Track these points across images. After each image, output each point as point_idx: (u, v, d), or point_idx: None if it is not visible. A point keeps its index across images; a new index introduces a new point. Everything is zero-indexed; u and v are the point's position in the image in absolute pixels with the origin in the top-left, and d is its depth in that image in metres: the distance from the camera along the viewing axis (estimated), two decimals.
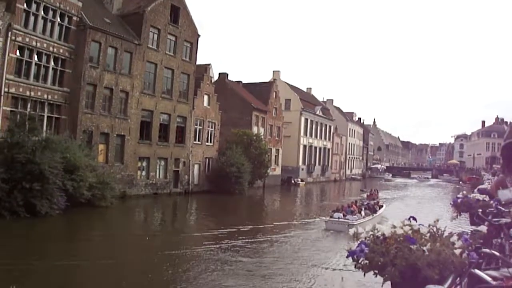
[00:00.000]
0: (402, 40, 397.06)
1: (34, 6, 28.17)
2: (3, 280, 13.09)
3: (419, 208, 38.33)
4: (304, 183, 66.00)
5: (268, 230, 26.51)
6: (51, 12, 29.31)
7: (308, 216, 33.10)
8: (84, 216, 25.89)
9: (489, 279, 3.16)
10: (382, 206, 32.48)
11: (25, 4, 27.47)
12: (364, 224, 21.10)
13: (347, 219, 25.84)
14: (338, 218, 26.01)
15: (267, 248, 21.23)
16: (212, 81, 48.20)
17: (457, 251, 2.95)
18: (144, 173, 36.99)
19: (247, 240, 22.16)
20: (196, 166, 43.31)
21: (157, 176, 38.34)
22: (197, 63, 43.18)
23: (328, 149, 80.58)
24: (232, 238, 22.38)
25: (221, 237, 22.54)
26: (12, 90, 26.92)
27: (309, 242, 22.94)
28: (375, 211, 29.94)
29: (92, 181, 27.52)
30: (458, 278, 3.02)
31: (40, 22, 28.69)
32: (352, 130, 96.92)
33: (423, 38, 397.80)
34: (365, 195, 42.22)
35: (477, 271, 3.19)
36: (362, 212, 28.07)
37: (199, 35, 42.39)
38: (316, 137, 74.70)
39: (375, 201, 33.36)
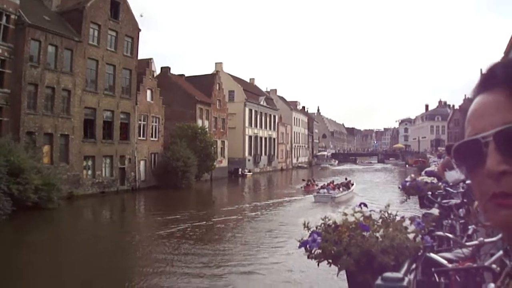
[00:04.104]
0: (344, 26, 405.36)
1: None
2: None
3: (369, 192, 41.02)
4: (251, 173, 68.04)
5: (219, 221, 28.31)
6: None
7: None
8: (30, 220, 25.72)
9: (445, 262, 3.43)
10: (353, 184, 40.02)
11: None
12: (344, 196, 29.28)
13: (330, 193, 33.33)
14: (324, 193, 33.50)
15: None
16: (155, 75, 49.17)
17: (411, 236, 3.09)
18: (90, 172, 37.84)
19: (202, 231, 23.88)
20: (142, 163, 44.37)
21: (103, 175, 39.27)
22: (139, 57, 44.17)
23: (274, 139, 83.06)
24: (184, 232, 23.54)
25: (171, 231, 23.53)
26: None
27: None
28: (348, 188, 37.36)
29: (37, 183, 27.95)
30: (414, 263, 3.15)
31: None
32: (296, 119, 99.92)
33: (365, 24, 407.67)
34: (301, 186, 44.34)
35: (432, 255, 3.43)
36: (340, 189, 35.86)
37: (139, 30, 43.41)
38: (261, 127, 76.99)
39: (348, 180, 40.47)
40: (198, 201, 41.02)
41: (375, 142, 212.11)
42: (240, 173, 65.57)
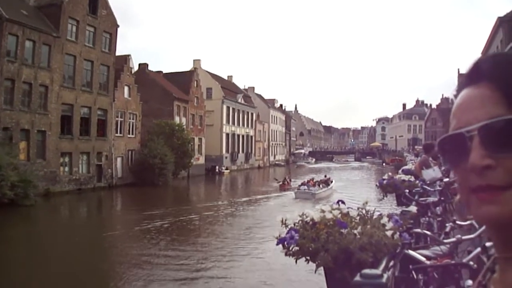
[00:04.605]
0: (322, 25, 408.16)
1: None
2: None
3: (347, 190, 41.97)
4: (228, 171, 68.86)
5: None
6: None
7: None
8: (7, 217, 25.70)
9: (423, 259, 3.43)
10: (332, 181, 41.69)
11: None
12: (323, 193, 29.75)
13: (311, 190, 34.88)
14: (304, 189, 35.12)
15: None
16: (132, 72, 49.36)
17: (389, 233, 3.14)
18: (67, 168, 38.00)
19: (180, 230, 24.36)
20: (119, 159, 44.62)
21: (80, 171, 39.43)
22: (117, 54, 44.45)
23: (251, 137, 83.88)
24: (162, 229, 23.81)
25: (148, 228, 23.72)
26: None
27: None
28: (328, 185, 38.81)
29: (14, 180, 28.13)
30: (392, 260, 3.18)
31: None
32: (274, 116, 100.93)
33: (344, 23, 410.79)
34: (277, 184, 44.89)
35: (411, 252, 3.43)
36: (320, 185, 37.29)
37: (118, 26, 43.58)
38: (239, 125, 77.73)
39: (327, 177, 42.52)
40: (175, 198, 41.42)
41: (352, 140, 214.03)
42: (217, 170, 66.20)
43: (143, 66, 56.18)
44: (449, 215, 7.96)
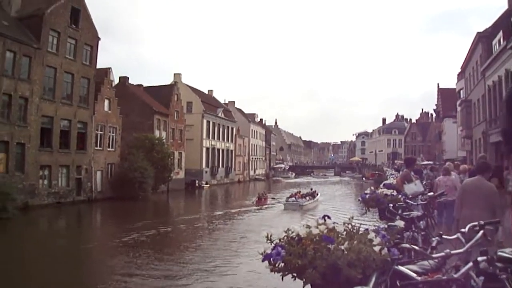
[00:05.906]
0: (302, 39, 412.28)
1: None
2: None
3: (329, 204, 42.86)
4: (208, 185, 69.14)
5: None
6: None
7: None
8: None
9: (413, 275, 3.36)
10: (318, 194, 44.90)
11: None
12: (310, 204, 33.90)
13: (298, 201, 38.30)
14: (292, 201, 38.53)
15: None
16: (113, 85, 49.53)
17: (377, 248, 3.08)
18: (46, 182, 37.81)
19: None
20: (98, 173, 44.55)
21: (60, 185, 39.27)
22: (97, 66, 44.49)
23: (231, 151, 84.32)
24: (143, 243, 23.76)
25: (129, 243, 23.80)
26: None
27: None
28: (314, 197, 41.85)
29: None
30: (381, 276, 3.13)
31: None
32: (254, 131, 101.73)
33: (320, 35, 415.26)
34: (253, 201, 44.74)
35: (400, 268, 3.37)
36: (307, 198, 40.15)
37: (99, 38, 43.76)
38: (219, 139, 78.15)
39: (313, 190, 44.94)
40: (156, 212, 41.54)
41: (332, 155, 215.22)
42: (197, 184, 66.48)
43: (123, 79, 56.36)
44: (431, 230, 8.28)
